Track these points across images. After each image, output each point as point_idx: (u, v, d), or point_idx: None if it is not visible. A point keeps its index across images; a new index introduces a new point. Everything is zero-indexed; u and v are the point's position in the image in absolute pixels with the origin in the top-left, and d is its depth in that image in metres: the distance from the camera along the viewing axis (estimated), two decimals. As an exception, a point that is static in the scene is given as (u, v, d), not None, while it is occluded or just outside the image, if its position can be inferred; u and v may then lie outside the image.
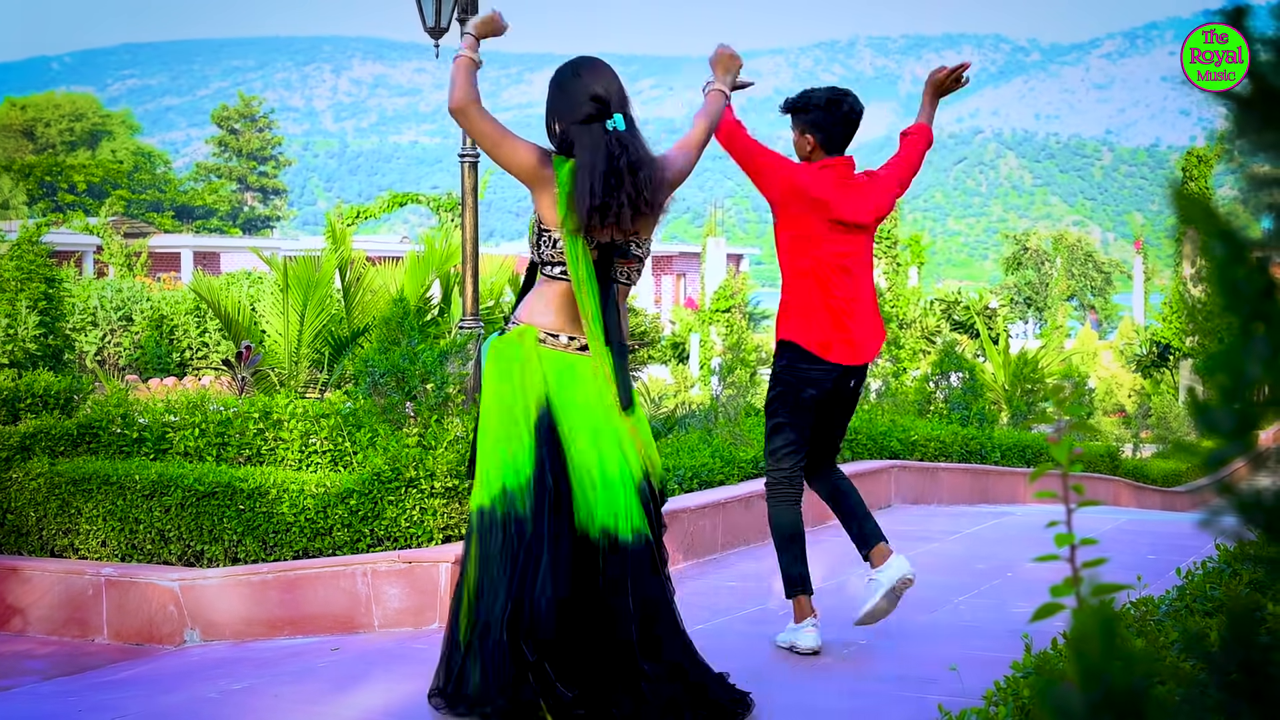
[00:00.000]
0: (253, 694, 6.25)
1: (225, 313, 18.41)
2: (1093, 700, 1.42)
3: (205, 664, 7.04)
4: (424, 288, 17.55)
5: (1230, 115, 1.54)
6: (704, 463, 10.07)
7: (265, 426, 8.85)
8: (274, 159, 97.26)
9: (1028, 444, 15.08)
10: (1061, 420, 2.11)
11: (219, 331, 23.72)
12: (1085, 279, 66.65)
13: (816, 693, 5.93)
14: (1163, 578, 7.31)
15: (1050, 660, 3.75)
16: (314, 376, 17.38)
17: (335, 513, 7.78)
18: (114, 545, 8.23)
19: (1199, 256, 1.62)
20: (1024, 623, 6.56)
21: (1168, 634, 3.94)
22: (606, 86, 5.32)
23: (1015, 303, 58.62)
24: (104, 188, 77.09)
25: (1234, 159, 1.56)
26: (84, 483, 8.31)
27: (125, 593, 7.83)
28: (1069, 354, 33.75)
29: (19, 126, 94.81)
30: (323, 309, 17.23)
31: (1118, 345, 40.57)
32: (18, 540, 8.55)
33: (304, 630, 7.50)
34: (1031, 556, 2.25)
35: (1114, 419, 32.32)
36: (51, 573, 8.10)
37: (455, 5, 12.42)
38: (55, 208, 70.75)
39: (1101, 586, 1.60)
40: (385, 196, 32.62)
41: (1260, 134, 1.51)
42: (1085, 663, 1.42)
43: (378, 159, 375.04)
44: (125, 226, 44.39)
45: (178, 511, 8.03)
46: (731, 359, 19.95)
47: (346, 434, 8.64)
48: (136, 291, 25.32)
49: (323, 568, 7.54)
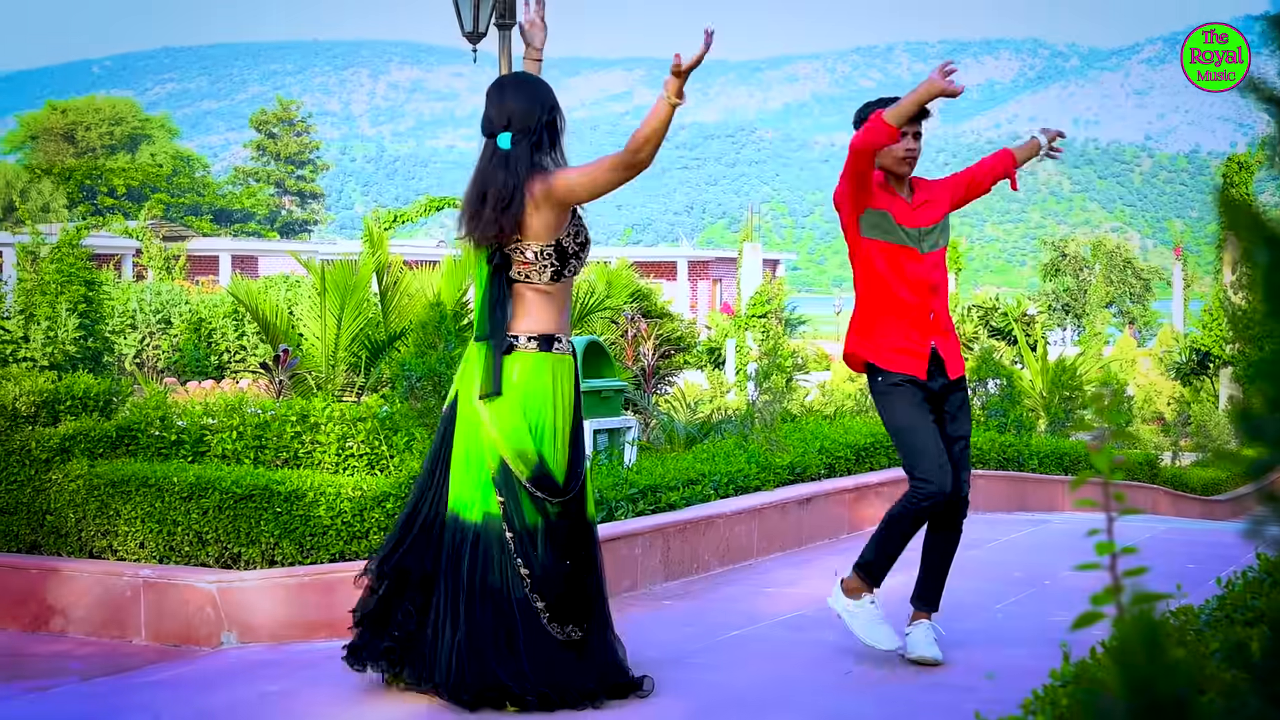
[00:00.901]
0: (289, 696, 6.26)
1: (263, 316, 18.46)
2: (1136, 710, 1.41)
3: (242, 666, 7.06)
4: (460, 292, 17.55)
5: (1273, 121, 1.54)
6: (740, 468, 10.06)
7: (302, 429, 8.87)
8: (311, 163, 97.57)
9: (1066, 451, 15.01)
10: (1101, 428, 2.10)
11: (257, 335, 23.78)
12: (1124, 286, 66.41)
13: (851, 699, 5.91)
14: (1202, 587, 7.26)
15: (1089, 669, 3.73)
16: (351, 380, 17.41)
17: (372, 516, 7.79)
18: (152, 547, 8.26)
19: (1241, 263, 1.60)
20: (1062, 631, 6.52)
21: (1208, 644, 3.91)
22: (501, 108, 5.97)
23: (1053, 309, 58.46)
24: (143, 191, 77.46)
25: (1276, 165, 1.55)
26: (123, 484, 8.34)
27: (163, 594, 7.86)
28: (1108, 361, 33.64)
29: (59, 130, 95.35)
30: (360, 313, 17.26)
31: (1157, 352, 40.40)
32: (57, 541, 8.58)
33: (340, 633, 7.50)
34: (1069, 565, 2.23)
35: (1153, 427, 32.17)
36: (90, 574, 8.13)
37: (493, 10, 12.45)
38: (95, 211, 71.13)
39: (1143, 595, 1.59)
40: (422, 201, 32.68)
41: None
42: (1129, 672, 1.41)
43: (415, 163, 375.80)
44: (164, 230, 44.59)
45: (215, 514, 8.05)
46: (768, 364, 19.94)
47: (383, 437, 8.66)
48: (175, 295, 25.42)
49: (359, 571, 7.55)
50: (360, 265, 17.79)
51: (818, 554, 9.67)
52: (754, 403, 13.92)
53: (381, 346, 16.80)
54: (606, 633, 5.96)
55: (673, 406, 16.96)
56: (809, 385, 27.45)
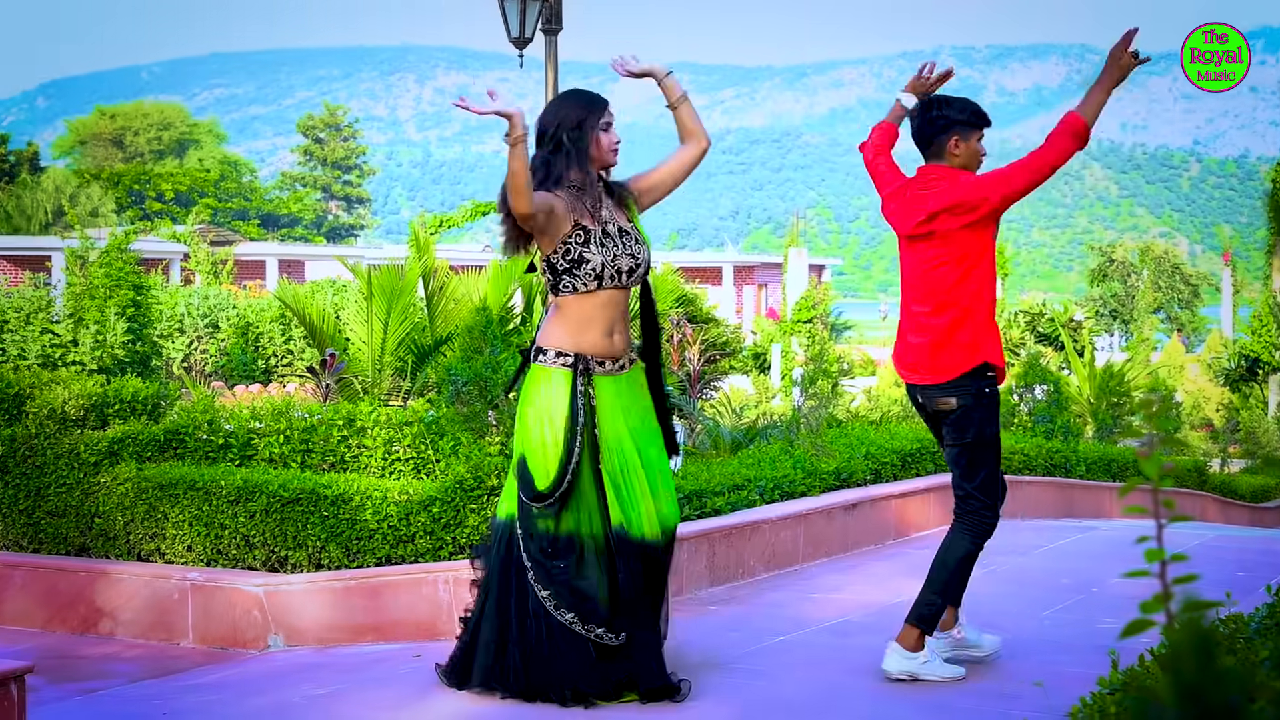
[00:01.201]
0: (336, 699, 6.28)
1: (310, 320, 18.52)
2: (1187, 717, 1.40)
3: (289, 669, 7.09)
4: (506, 297, 17.58)
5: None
6: (785, 474, 10.04)
7: (349, 434, 8.90)
8: (358, 168, 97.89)
9: (1113, 458, 14.93)
10: (1150, 434, 2.09)
11: (303, 339, 23.86)
12: (1172, 291, 66.03)
13: (897, 706, 5.89)
14: (1252, 595, 7.22)
15: (1138, 677, 3.71)
16: (397, 384, 17.46)
17: (418, 520, 7.81)
18: (199, 550, 8.30)
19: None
20: (1110, 639, 6.49)
21: (1258, 652, 3.89)
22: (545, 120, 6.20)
23: (1101, 315, 58.16)
24: (191, 196, 77.90)
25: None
26: (170, 488, 8.38)
27: (210, 597, 7.90)
28: (1156, 367, 33.41)
29: (108, 135, 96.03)
30: (406, 317, 17.29)
31: (1205, 358, 40.13)
32: (106, 544, 8.64)
33: (386, 637, 7.53)
34: (1117, 572, 2.22)
35: (1201, 433, 31.96)
36: (138, 576, 8.18)
37: (540, 16, 12.47)
38: (143, 216, 71.52)
39: (1194, 603, 1.58)
40: (468, 206, 32.72)
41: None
42: (1180, 680, 1.40)
43: (461, 168, 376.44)
44: (211, 234, 44.77)
45: (262, 517, 8.09)
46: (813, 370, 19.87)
47: (429, 442, 8.67)
48: (223, 299, 25.53)
49: (405, 575, 7.57)
50: (406, 270, 17.82)
51: (863, 560, 9.65)
52: (799, 408, 13.89)
53: (427, 351, 16.84)
54: (647, 634, 5.95)
55: (718, 412, 16.94)
56: (854, 390, 27.35)
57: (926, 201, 6.14)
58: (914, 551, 10.01)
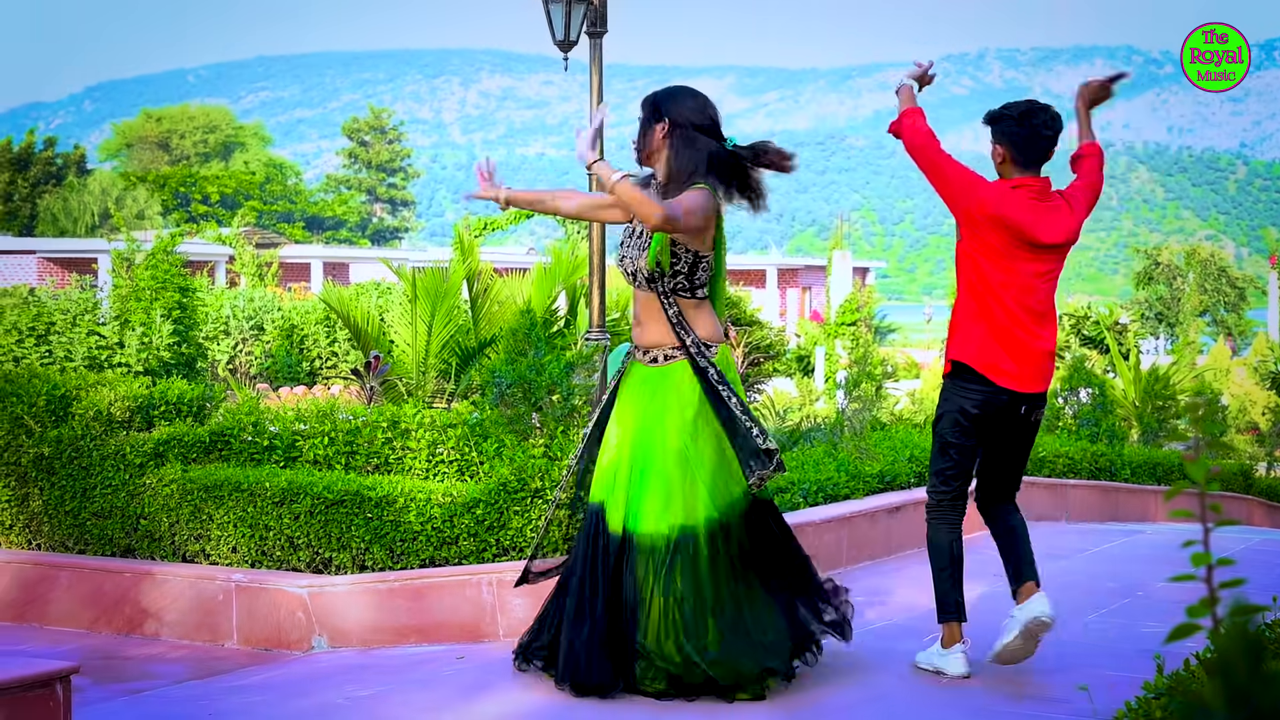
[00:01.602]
0: (380, 701, 6.30)
1: (354, 323, 18.58)
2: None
3: (333, 670, 7.11)
4: (550, 299, 17.60)
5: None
6: (829, 476, 10.02)
7: (393, 436, 8.92)
8: (403, 171, 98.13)
9: (1159, 461, 14.85)
10: (1196, 438, 2.07)
11: (348, 341, 23.95)
12: (1218, 294, 65.61)
13: (942, 713, 5.87)
14: (1298, 599, 7.17)
15: (1184, 681, 3.69)
16: (441, 387, 17.49)
17: (461, 522, 7.83)
18: (244, 551, 8.33)
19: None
20: (1155, 643, 6.45)
21: (1305, 657, 3.86)
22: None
23: (1146, 318, 57.82)
24: (236, 198, 78.28)
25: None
26: (215, 489, 8.42)
27: (255, 598, 7.93)
28: (1201, 370, 33.23)
29: (155, 138, 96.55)
30: (450, 320, 17.33)
31: (1252, 362, 39.88)
32: (151, 545, 8.68)
33: (430, 638, 7.55)
34: (1163, 576, 2.21)
35: (1247, 437, 31.75)
36: (183, 578, 8.22)
37: (585, 18, 12.47)
38: (189, 218, 71.91)
39: (1241, 607, 1.57)
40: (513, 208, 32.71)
41: None
42: (1229, 684, 1.39)
43: (505, 171, 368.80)
44: (257, 237, 44.97)
45: (307, 519, 8.11)
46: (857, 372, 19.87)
47: (473, 444, 8.69)
48: (268, 301, 25.64)
49: (449, 577, 7.59)
50: (451, 272, 17.86)
51: (907, 563, 9.61)
52: (843, 411, 13.87)
53: (472, 353, 16.87)
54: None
55: (762, 414, 16.92)
56: (899, 393, 27.32)
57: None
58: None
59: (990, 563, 9.54)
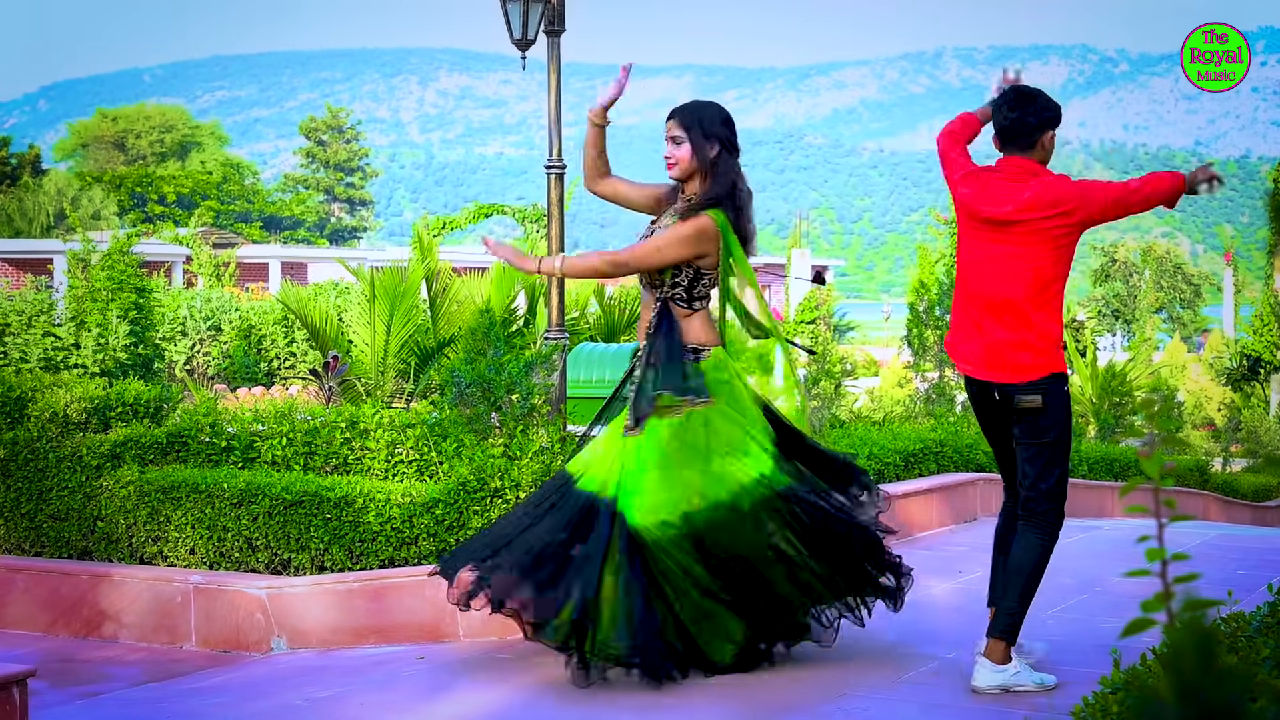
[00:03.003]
0: (339, 702, 6.29)
1: (312, 323, 18.54)
2: (1188, 716, 1.40)
3: (292, 671, 7.09)
4: (510, 299, 17.60)
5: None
6: (788, 474, 10.03)
7: (352, 436, 8.90)
8: (361, 170, 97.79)
9: (1115, 457, 14.93)
10: (1151, 434, 2.09)
11: (306, 341, 23.88)
12: (1174, 291, 66.05)
13: (899, 706, 5.89)
14: (1254, 593, 7.23)
15: (1140, 676, 3.71)
16: (400, 386, 17.47)
17: (421, 522, 7.82)
18: (202, 553, 8.31)
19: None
20: (1112, 638, 6.49)
21: (1259, 651, 3.89)
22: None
23: (1103, 315, 58.18)
24: (193, 199, 77.87)
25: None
26: (173, 491, 8.39)
27: (213, 600, 7.90)
28: (1158, 367, 33.41)
29: (110, 138, 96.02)
30: (409, 319, 17.32)
31: (1207, 358, 40.16)
32: (108, 547, 8.64)
33: (390, 639, 7.54)
34: (1119, 571, 2.23)
35: (1203, 433, 31.96)
36: (141, 580, 8.18)
37: (542, 17, 12.46)
38: (145, 218, 71.54)
39: (1194, 602, 1.58)
40: (471, 208, 32.68)
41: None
42: (1181, 679, 1.40)
43: (463, 170, 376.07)
44: (214, 237, 44.78)
45: (265, 520, 8.09)
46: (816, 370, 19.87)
47: (432, 444, 8.68)
48: (225, 301, 25.54)
49: (408, 577, 7.57)
50: (409, 272, 17.84)
51: (866, 560, 9.63)
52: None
53: (430, 353, 16.86)
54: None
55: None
56: (857, 391, 27.36)
57: (1029, 191, 6.00)
58: (917, 552, 10.00)
59: (955, 560, 9.59)
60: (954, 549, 10.18)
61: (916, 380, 20.43)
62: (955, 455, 12.41)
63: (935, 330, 20.13)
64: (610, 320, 19.48)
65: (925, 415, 17.43)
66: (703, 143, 6.45)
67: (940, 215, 23.55)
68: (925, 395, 19.38)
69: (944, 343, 6.28)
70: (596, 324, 19.67)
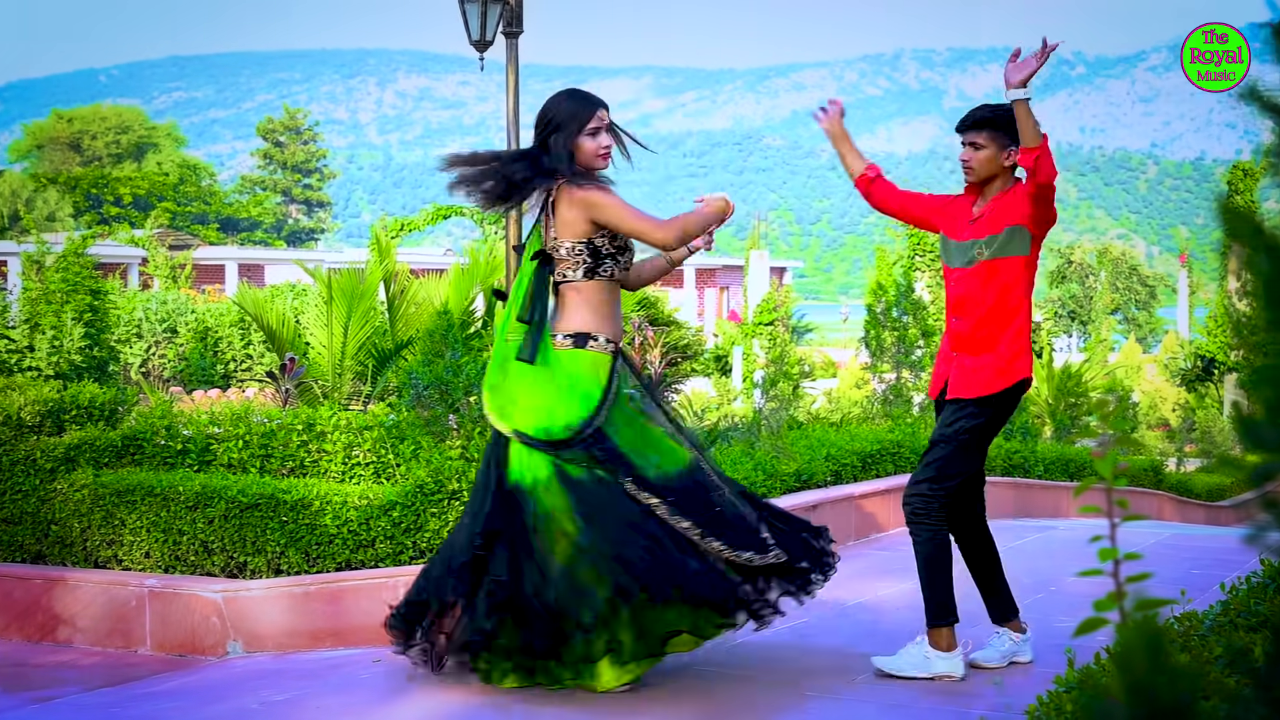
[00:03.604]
0: (295, 705, 6.26)
1: (269, 325, 18.46)
2: (1138, 716, 1.40)
3: (248, 675, 7.07)
4: (468, 300, 17.55)
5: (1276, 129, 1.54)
6: (746, 475, 10.05)
7: (309, 438, 8.87)
8: (319, 171, 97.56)
9: (1071, 458, 15.00)
10: (1106, 434, 2.10)
11: (263, 344, 23.79)
12: (1130, 293, 66.40)
13: (857, 707, 5.90)
14: (1206, 593, 7.26)
15: (1094, 675, 3.73)
16: (357, 389, 17.41)
17: (378, 525, 7.80)
18: (157, 556, 8.26)
19: (1245, 270, 1.61)
20: (1067, 637, 6.52)
21: (1211, 649, 3.91)
22: (541, 114, 6.35)
23: (1059, 316, 58.45)
24: (149, 200, 77.55)
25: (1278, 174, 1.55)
26: (128, 494, 8.35)
27: (169, 604, 7.86)
28: (1113, 368, 33.59)
29: (66, 139, 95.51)
30: (366, 321, 17.26)
31: (1162, 359, 40.40)
32: (62, 551, 8.59)
33: (346, 642, 7.52)
34: (1074, 571, 2.24)
35: (1158, 433, 32.16)
36: (96, 584, 8.14)
37: (500, 19, 12.46)
38: (101, 220, 71.25)
39: (1146, 601, 1.59)
40: (429, 209, 32.62)
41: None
42: (1131, 678, 1.41)
43: (422, 172, 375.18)
44: (170, 239, 44.63)
45: (221, 523, 8.06)
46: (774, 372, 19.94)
47: (390, 446, 8.66)
48: (181, 304, 25.42)
49: (365, 580, 7.55)
50: (367, 274, 17.78)
51: (824, 561, 9.65)
52: (761, 410, 13.92)
53: (388, 355, 16.80)
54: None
55: (680, 414, 16.96)
56: (815, 392, 27.45)
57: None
58: (875, 553, 10.04)
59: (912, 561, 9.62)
60: (910, 550, 10.20)
61: (874, 381, 20.49)
62: (912, 456, 12.44)
63: (893, 332, 20.19)
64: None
65: (883, 416, 17.47)
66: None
67: (897, 217, 23.59)
68: (883, 397, 19.43)
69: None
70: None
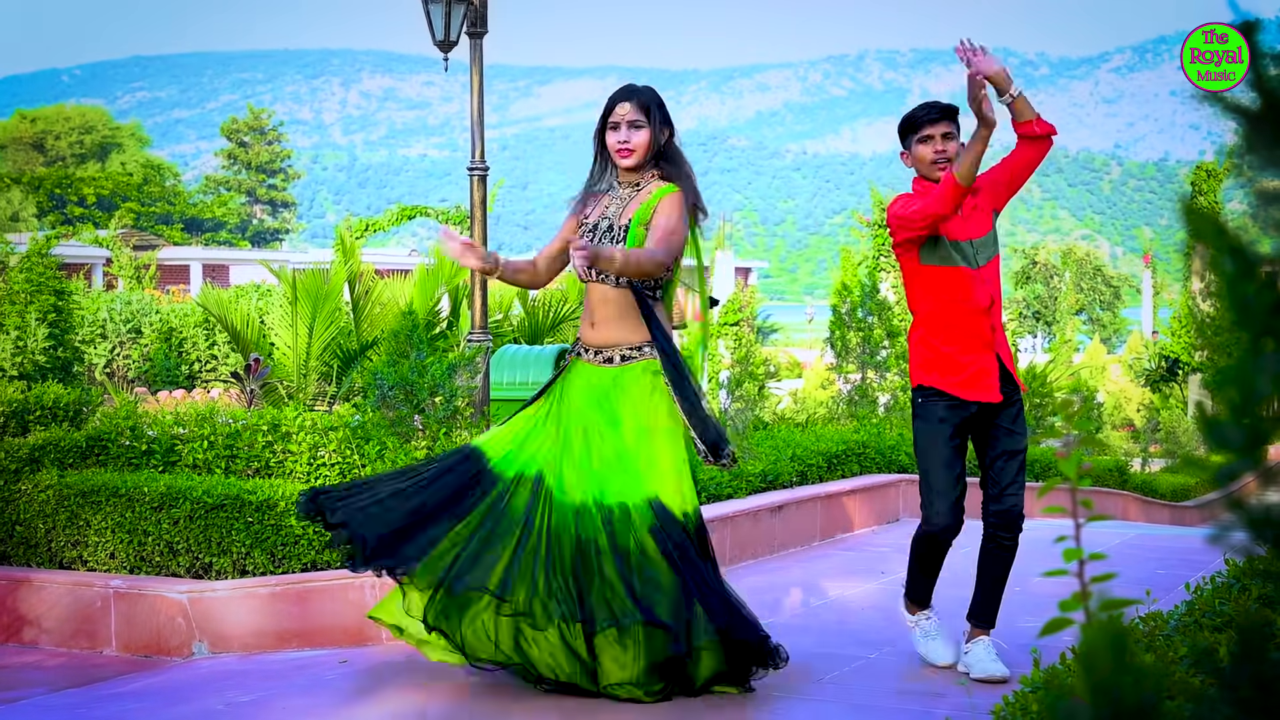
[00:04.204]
0: (261, 706, 6.25)
1: (234, 325, 18.42)
2: (1102, 716, 1.41)
3: (213, 676, 7.05)
4: (433, 301, 17.55)
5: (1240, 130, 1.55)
6: (711, 476, 10.06)
7: (274, 439, 8.85)
8: (283, 172, 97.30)
9: (1036, 458, 15.04)
10: (1070, 435, 2.11)
11: (228, 344, 23.72)
12: (1094, 293, 66.67)
13: (822, 706, 5.92)
14: (1171, 593, 7.30)
15: (1059, 675, 3.74)
16: (322, 389, 17.39)
17: (344, 525, 7.77)
18: (122, 557, 8.23)
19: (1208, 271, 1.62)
20: (1032, 637, 6.55)
21: (1176, 649, 3.94)
22: None
23: (1024, 317, 58.62)
24: (113, 200, 77.21)
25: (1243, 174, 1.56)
26: (93, 495, 8.31)
27: (134, 605, 7.84)
28: (1077, 368, 33.73)
29: (29, 139, 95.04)
30: (331, 322, 17.24)
31: (1126, 359, 40.55)
32: (27, 552, 8.55)
33: (312, 643, 7.50)
34: (1039, 571, 2.25)
35: (1122, 433, 32.29)
36: (60, 584, 8.10)
37: (465, 19, 12.44)
38: (65, 220, 70.92)
39: (1110, 601, 1.60)
40: (394, 209, 32.55)
41: (1269, 149, 1.51)
42: (1095, 678, 1.41)
43: (387, 172, 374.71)
44: (134, 239, 44.43)
45: (186, 524, 8.03)
46: (740, 372, 19.93)
47: (355, 447, 8.64)
48: (145, 304, 25.33)
49: (331, 580, 7.54)
50: (332, 274, 17.75)
51: (790, 562, 9.68)
52: (726, 410, 13.94)
53: (353, 355, 16.78)
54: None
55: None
56: (781, 393, 27.47)
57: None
58: (840, 553, 10.07)
59: (878, 560, 9.65)
60: (877, 549, 10.24)
61: (839, 382, 20.52)
62: (878, 456, 12.49)
63: (858, 332, 20.21)
64: (534, 322, 19.46)
65: (848, 417, 17.51)
66: (661, 129, 6.34)
67: (863, 218, 23.65)
68: (848, 397, 19.46)
69: None
70: (520, 326, 19.63)
